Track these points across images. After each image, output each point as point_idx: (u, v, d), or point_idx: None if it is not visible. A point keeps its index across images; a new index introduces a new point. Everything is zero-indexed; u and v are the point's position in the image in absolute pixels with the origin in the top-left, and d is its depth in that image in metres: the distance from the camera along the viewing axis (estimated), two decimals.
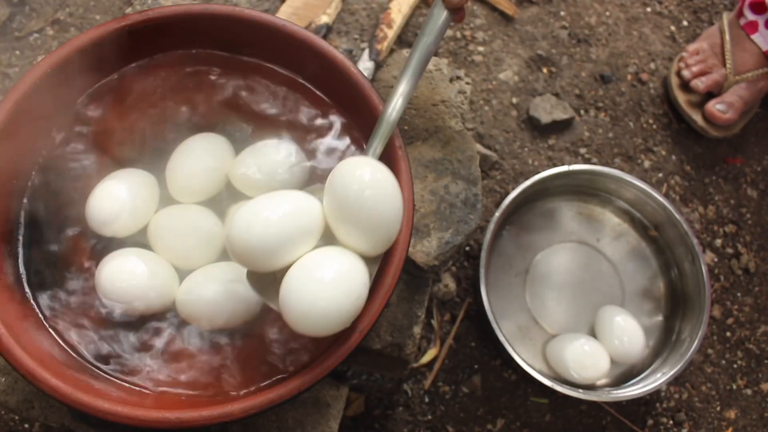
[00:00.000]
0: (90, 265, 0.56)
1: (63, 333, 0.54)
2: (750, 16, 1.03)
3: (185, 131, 0.60)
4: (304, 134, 0.61)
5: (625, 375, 0.90)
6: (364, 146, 0.60)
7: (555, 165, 1.04)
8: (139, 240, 0.57)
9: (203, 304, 0.54)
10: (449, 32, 1.09)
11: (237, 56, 0.62)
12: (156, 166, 0.59)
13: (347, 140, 0.61)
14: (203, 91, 0.62)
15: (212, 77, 0.62)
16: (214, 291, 0.54)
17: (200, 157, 0.58)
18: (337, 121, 0.61)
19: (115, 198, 0.55)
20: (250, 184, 0.58)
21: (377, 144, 0.53)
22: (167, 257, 0.56)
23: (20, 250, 0.56)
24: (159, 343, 0.55)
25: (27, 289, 0.55)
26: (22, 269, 0.55)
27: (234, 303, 0.54)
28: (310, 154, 0.60)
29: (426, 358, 0.92)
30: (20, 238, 0.56)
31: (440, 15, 0.55)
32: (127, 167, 0.59)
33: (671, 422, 0.94)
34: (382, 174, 0.49)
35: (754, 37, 1.03)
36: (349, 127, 0.61)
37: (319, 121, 0.61)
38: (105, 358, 0.54)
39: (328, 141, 0.61)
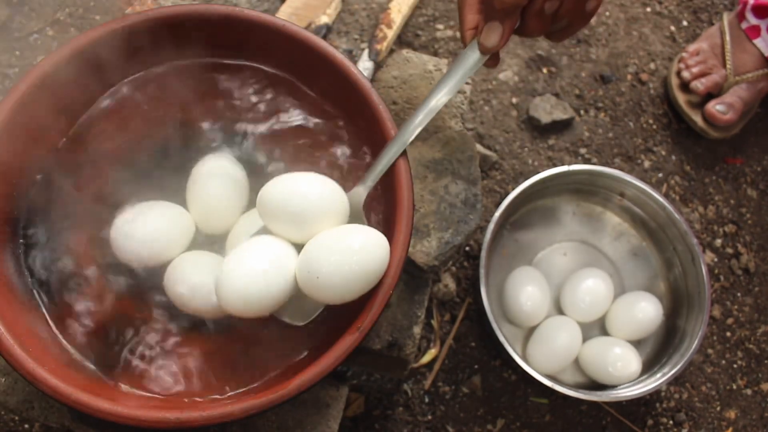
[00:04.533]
0: (93, 265, 0.56)
1: (63, 333, 0.54)
2: (752, 20, 1.02)
3: (184, 138, 0.60)
4: (300, 134, 0.61)
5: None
6: (363, 147, 0.60)
7: (555, 165, 1.04)
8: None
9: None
10: (449, 32, 1.09)
11: (235, 56, 0.62)
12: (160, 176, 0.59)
13: (345, 141, 0.61)
14: (202, 96, 0.62)
15: (212, 81, 0.62)
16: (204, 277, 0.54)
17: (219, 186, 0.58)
18: (335, 120, 0.61)
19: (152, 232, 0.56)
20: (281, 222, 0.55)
21: (376, 173, 0.54)
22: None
23: (22, 251, 0.56)
24: (159, 343, 0.55)
25: (28, 289, 0.55)
26: (23, 269, 0.55)
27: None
28: (306, 152, 0.60)
29: (426, 359, 0.92)
30: (23, 238, 0.56)
31: (473, 57, 0.55)
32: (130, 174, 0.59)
33: (671, 422, 0.94)
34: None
35: (757, 41, 1.02)
36: (347, 128, 0.61)
37: (317, 122, 0.61)
38: (105, 359, 0.54)
39: (325, 141, 0.61)
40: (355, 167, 0.60)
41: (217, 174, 0.58)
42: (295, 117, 0.62)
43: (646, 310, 0.88)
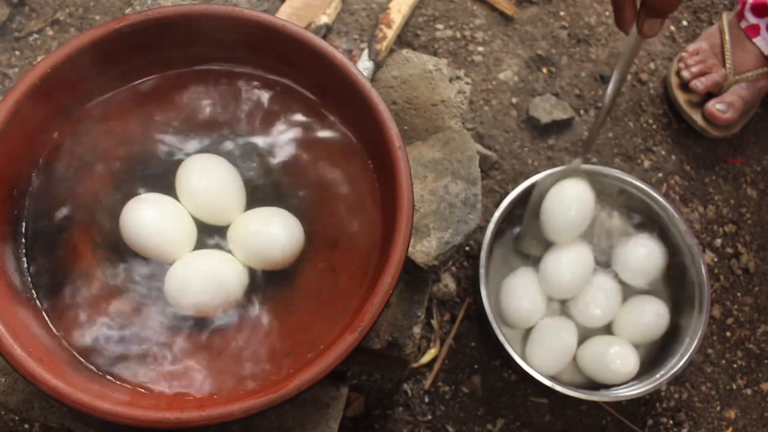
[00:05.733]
0: (93, 264, 0.56)
1: (63, 333, 0.54)
2: (752, 19, 1.02)
3: (182, 137, 0.60)
4: (301, 134, 0.61)
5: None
6: (363, 146, 0.60)
7: (555, 165, 1.04)
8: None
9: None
10: (449, 32, 1.10)
11: (235, 56, 0.62)
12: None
13: (343, 140, 0.61)
14: (200, 96, 0.62)
15: (210, 81, 0.62)
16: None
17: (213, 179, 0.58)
18: (334, 120, 0.61)
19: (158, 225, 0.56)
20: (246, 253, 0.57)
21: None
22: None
23: (23, 250, 0.56)
24: (160, 342, 0.55)
25: (28, 289, 0.55)
26: (24, 268, 0.55)
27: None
28: (306, 153, 0.60)
29: (426, 358, 0.92)
30: (23, 237, 0.56)
31: (638, 42, 0.65)
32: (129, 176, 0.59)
33: (671, 422, 0.94)
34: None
35: (756, 40, 1.02)
36: (346, 128, 0.61)
37: (316, 121, 0.61)
38: (106, 358, 0.54)
39: (325, 141, 0.61)
40: (355, 166, 0.60)
41: (213, 167, 0.58)
42: (293, 117, 0.62)
43: (653, 314, 0.88)
